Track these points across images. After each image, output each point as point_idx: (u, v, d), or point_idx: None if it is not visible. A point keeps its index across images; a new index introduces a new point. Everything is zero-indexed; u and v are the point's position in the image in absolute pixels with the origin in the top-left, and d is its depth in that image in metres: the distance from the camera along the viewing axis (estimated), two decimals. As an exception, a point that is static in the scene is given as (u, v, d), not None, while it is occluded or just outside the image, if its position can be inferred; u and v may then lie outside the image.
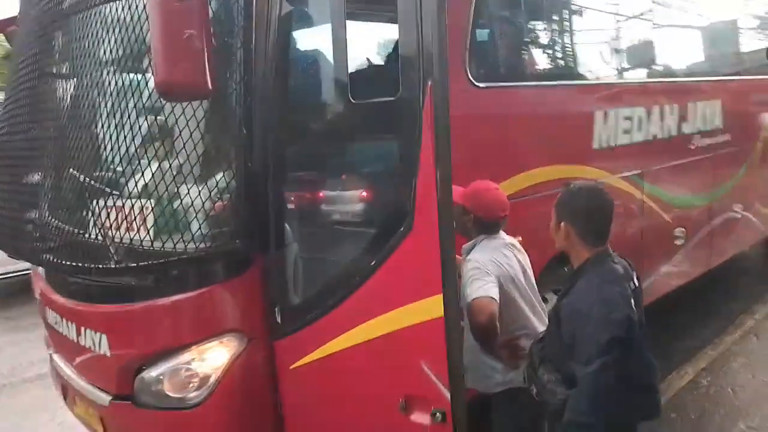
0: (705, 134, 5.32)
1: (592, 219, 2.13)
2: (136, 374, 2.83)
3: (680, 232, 5.11)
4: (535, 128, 3.53)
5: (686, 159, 5.12)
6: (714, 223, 5.61)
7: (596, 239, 2.12)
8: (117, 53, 2.39)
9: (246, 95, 2.40)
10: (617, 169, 4.32)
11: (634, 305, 2.08)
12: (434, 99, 1.97)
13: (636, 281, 2.21)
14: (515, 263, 2.57)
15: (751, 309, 5.79)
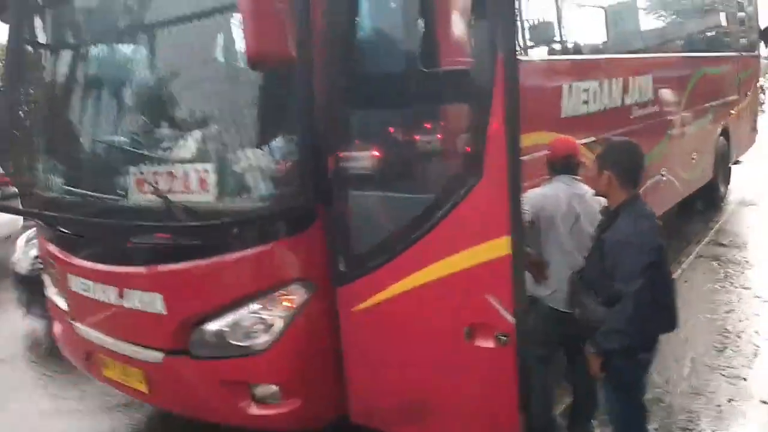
0: (641, 105, 6.00)
1: (630, 167, 2.59)
2: (193, 328, 3.04)
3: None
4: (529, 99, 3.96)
5: (627, 127, 5.77)
6: (647, 185, 6.33)
7: (632, 184, 2.59)
8: (201, 22, 2.56)
9: (316, 63, 2.64)
10: (579, 137, 4.85)
11: None
12: (504, 68, 2.32)
13: None
14: (566, 206, 3.10)
15: (678, 259, 6.59)
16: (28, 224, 5.71)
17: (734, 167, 9.45)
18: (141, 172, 2.85)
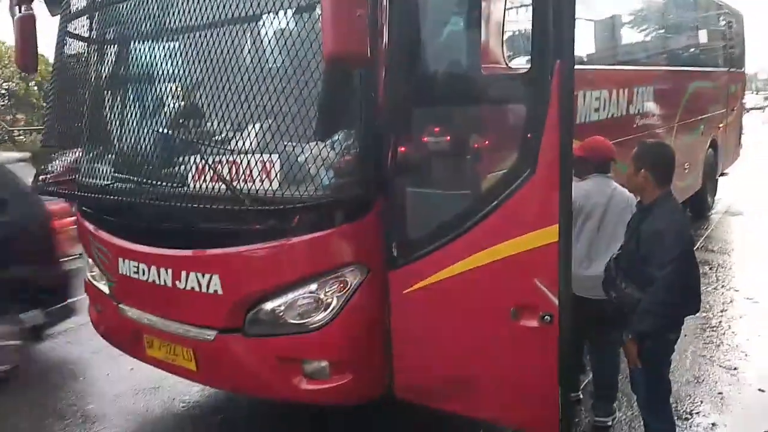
0: (643, 116, 6.35)
1: (665, 167, 2.88)
2: (250, 308, 3.24)
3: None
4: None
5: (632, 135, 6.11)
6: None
7: (666, 181, 2.88)
8: (273, 19, 2.78)
9: (381, 63, 2.88)
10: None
11: None
12: (561, 73, 2.59)
13: None
14: (599, 201, 3.45)
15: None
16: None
17: (720, 179, 9.89)
18: (212, 161, 3.02)
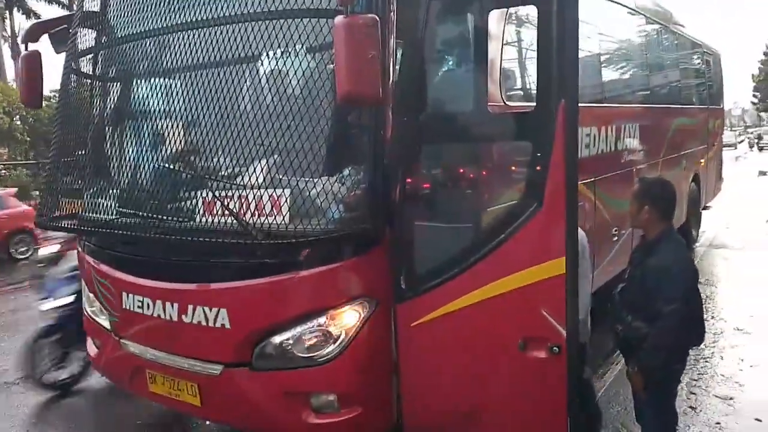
0: (630, 151, 6.52)
1: (666, 202, 2.98)
2: (257, 341, 3.26)
3: (615, 230, 6.22)
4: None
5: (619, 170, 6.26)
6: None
7: (669, 216, 2.98)
8: (293, 63, 2.87)
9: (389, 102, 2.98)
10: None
11: None
12: (566, 113, 2.71)
13: None
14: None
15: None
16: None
17: (704, 212, 10.11)
18: (222, 195, 3.08)
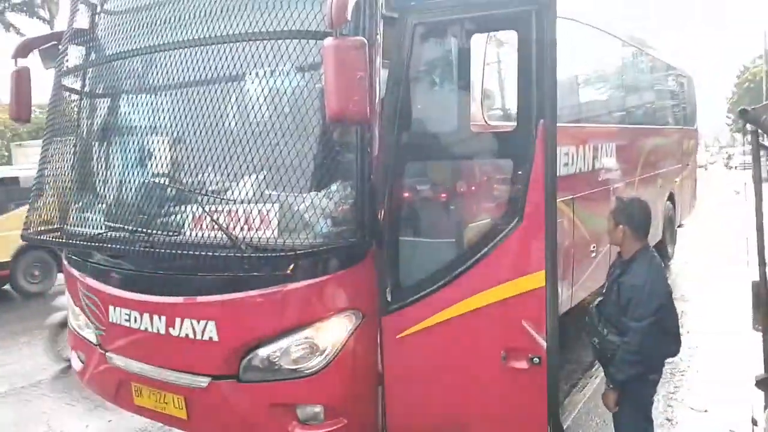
0: (608, 170, 6.69)
1: (642, 221, 3.10)
2: (245, 354, 3.31)
3: (593, 247, 6.37)
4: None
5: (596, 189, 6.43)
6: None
7: (644, 235, 3.10)
8: (283, 83, 2.97)
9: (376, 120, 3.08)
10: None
11: None
12: (545, 132, 2.83)
13: None
14: None
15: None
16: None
17: (678, 230, 10.34)
18: (211, 209, 3.15)
